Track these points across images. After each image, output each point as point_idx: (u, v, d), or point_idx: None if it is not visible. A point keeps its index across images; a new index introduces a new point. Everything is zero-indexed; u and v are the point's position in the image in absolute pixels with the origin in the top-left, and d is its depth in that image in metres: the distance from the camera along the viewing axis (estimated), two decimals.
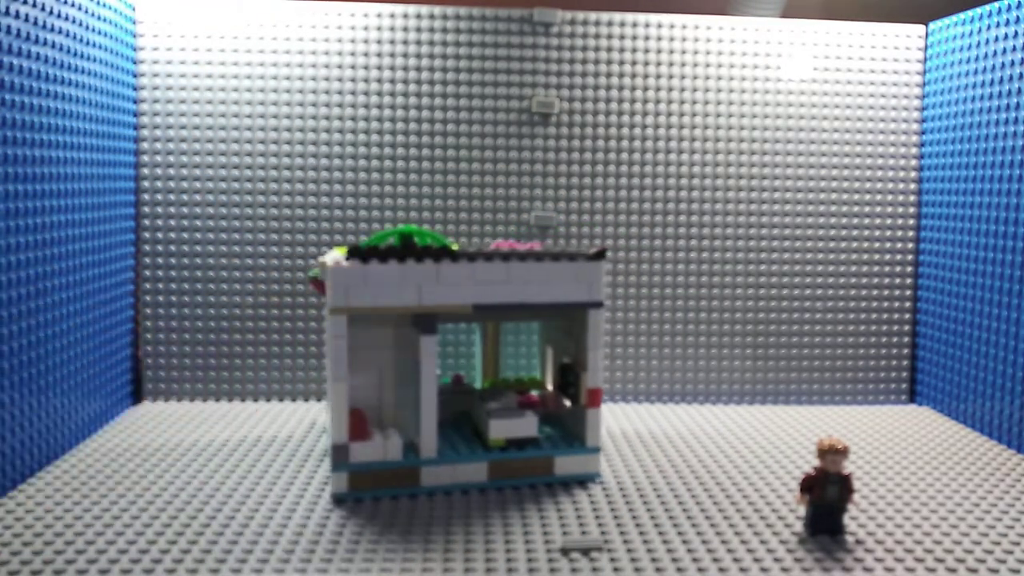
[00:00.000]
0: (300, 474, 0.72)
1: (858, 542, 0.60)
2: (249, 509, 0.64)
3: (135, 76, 0.92)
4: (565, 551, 0.58)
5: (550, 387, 0.82)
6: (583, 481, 0.71)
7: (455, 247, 0.69)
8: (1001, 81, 0.87)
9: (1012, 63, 0.85)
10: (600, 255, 0.70)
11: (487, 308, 0.68)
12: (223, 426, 0.85)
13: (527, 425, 0.71)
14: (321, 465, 0.74)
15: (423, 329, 0.67)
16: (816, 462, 0.61)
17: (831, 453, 0.59)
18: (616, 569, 0.55)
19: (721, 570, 0.55)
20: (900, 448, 0.82)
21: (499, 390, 0.77)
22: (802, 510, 0.64)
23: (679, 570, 0.55)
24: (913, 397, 1.02)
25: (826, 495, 0.60)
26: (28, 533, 0.59)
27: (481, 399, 0.75)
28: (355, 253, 0.65)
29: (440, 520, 0.63)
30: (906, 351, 1.01)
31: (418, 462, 0.68)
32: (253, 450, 0.77)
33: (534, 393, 0.82)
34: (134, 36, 0.91)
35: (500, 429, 0.70)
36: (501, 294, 0.68)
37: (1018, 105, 0.84)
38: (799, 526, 0.62)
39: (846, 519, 0.62)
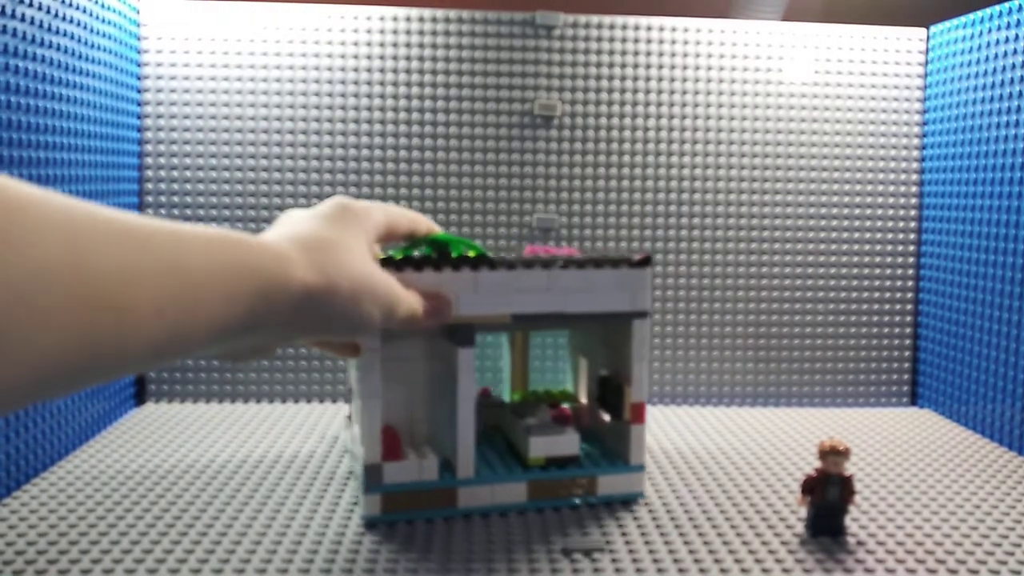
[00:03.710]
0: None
1: (859, 543, 0.60)
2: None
3: (139, 79, 0.92)
4: (567, 552, 0.58)
5: (584, 400, 0.78)
6: (627, 501, 0.67)
7: (488, 254, 0.65)
8: (1002, 84, 0.87)
9: (1013, 66, 0.85)
10: (646, 262, 0.65)
11: (527, 318, 0.63)
12: (234, 433, 0.85)
13: (568, 442, 0.66)
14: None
15: (460, 341, 0.62)
16: (817, 463, 0.61)
17: (832, 454, 0.60)
18: (618, 570, 0.55)
19: (723, 571, 0.55)
20: (901, 450, 0.82)
21: (531, 404, 0.73)
22: (803, 511, 0.65)
23: (680, 571, 0.55)
24: (914, 399, 1.02)
25: (827, 496, 0.60)
26: (32, 533, 0.59)
27: (514, 414, 0.71)
28: (388, 263, 0.59)
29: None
30: (907, 354, 1.02)
31: (455, 482, 0.63)
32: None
33: (567, 406, 0.77)
34: (138, 39, 0.92)
35: (540, 447, 0.66)
36: (541, 303, 0.63)
37: (1019, 108, 0.84)
38: (800, 527, 0.63)
39: (847, 520, 0.62)
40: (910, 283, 1.01)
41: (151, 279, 0.34)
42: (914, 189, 1.00)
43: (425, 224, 0.61)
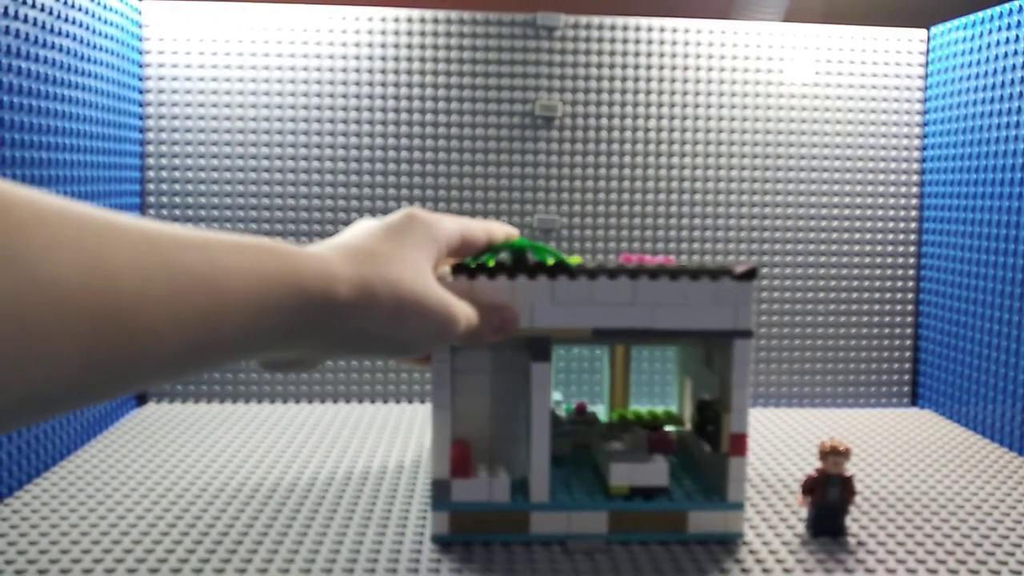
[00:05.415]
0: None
1: (860, 543, 0.60)
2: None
3: (141, 79, 0.93)
4: (568, 551, 0.58)
5: (689, 425, 0.72)
6: (722, 542, 0.60)
7: (577, 261, 0.61)
8: (1003, 85, 0.87)
9: (1013, 67, 0.85)
10: (751, 274, 0.58)
11: (609, 333, 0.58)
12: (235, 433, 0.85)
13: (655, 472, 0.60)
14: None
15: (535, 355, 0.58)
16: (818, 464, 0.61)
17: (833, 455, 0.60)
18: (616, 570, 0.55)
19: (722, 571, 0.56)
20: (902, 450, 0.82)
21: (627, 425, 0.69)
22: (804, 511, 0.65)
23: (679, 571, 0.55)
24: (915, 400, 1.02)
25: (828, 497, 0.60)
26: (34, 533, 0.59)
27: (604, 436, 0.66)
28: (461, 270, 0.57)
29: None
30: (908, 354, 1.02)
31: (527, 506, 0.59)
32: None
33: (670, 430, 0.71)
34: (140, 40, 0.92)
35: (623, 475, 0.60)
36: (626, 318, 0.58)
37: (1019, 109, 0.84)
38: (801, 527, 0.63)
39: (848, 520, 0.62)
40: (910, 283, 1.01)
41: (172, 292, 0.32)
42: (914, 190, 1.00)
43: (502, 231, 0.59)
